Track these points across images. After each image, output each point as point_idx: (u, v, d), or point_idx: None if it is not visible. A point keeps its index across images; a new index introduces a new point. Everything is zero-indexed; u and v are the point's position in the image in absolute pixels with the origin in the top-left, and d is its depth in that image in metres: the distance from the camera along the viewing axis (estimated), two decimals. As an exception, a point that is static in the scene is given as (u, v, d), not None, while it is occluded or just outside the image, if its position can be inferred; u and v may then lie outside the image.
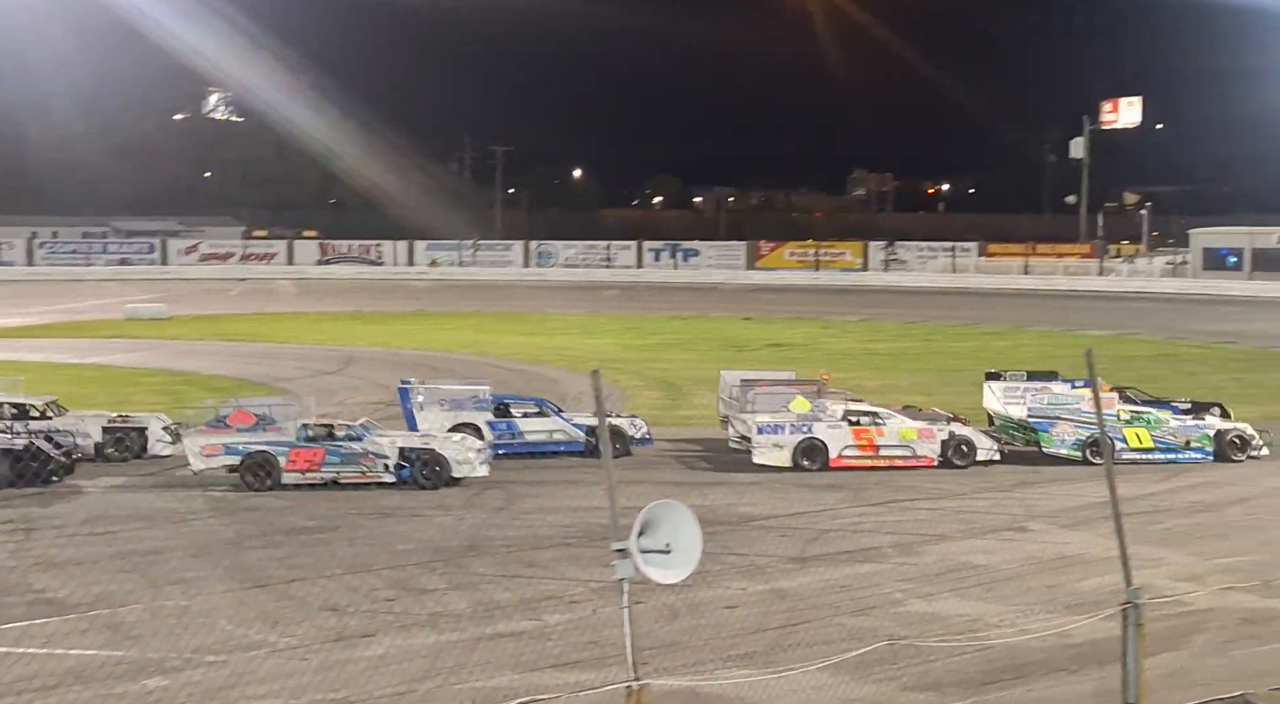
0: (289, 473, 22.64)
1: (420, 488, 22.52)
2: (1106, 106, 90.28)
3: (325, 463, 22.81)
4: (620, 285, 75.64)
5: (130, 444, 25.18)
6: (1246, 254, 70.94)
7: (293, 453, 22.78)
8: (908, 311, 59.50)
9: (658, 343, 47.66)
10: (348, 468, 22.86)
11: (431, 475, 22.67)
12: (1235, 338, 47.67)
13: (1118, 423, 25.42)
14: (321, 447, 22.91)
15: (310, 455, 22.84)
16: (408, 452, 23.06)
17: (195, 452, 22.88)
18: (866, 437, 25.05)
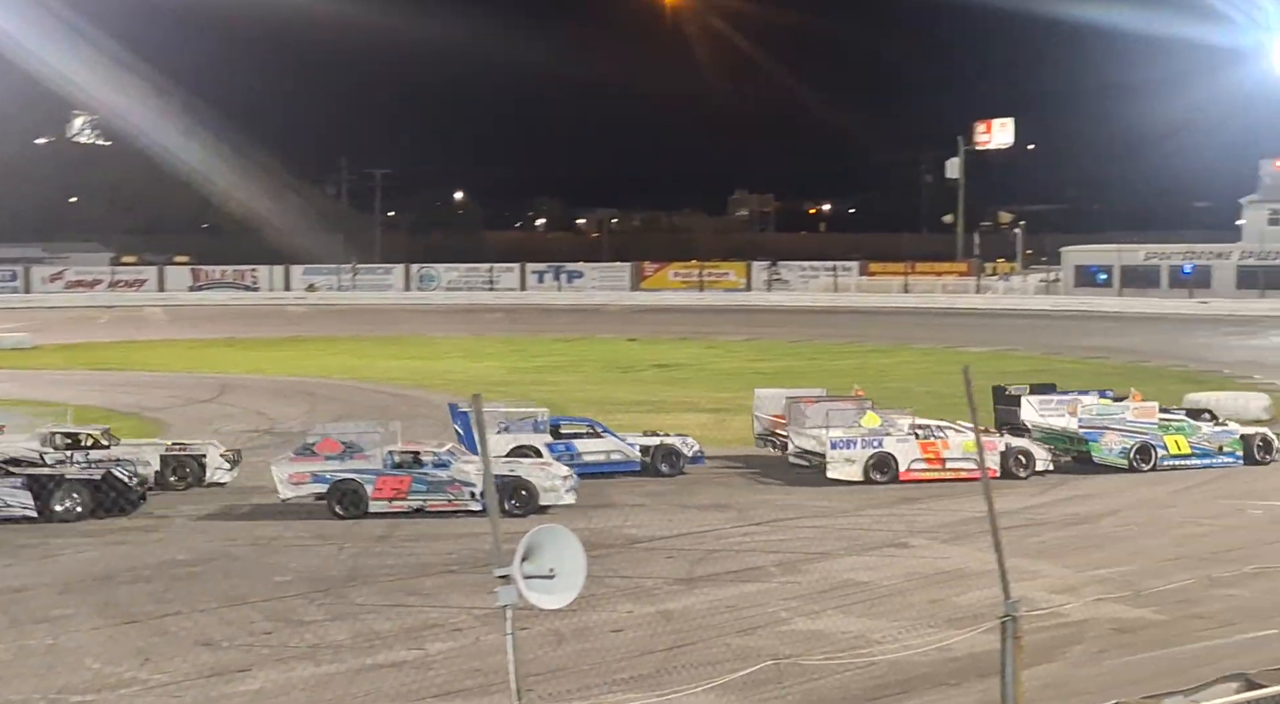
0: (375, 501, 22.43)
1: (508, 516, 21.95)
2: (980, 128, 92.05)
3: (412, 491, 22.59)
4: (504, 308, 75.26)
5: (190, 472, 24.75)
6: (1116, 271, 72.77)
7: (379, 481, 22.55)
8: (792, 331, 60.00)
9: (543, 365, 47.45)
10: (434, 496, 22.65)
11: (521, 503, 22.29)
12: (1107, 353, 48.80)
13: (1158, 430, 26.64)
14: (409, 474, 22.67)
15: (397, 483, 22.64)
16: (496, 478, 22.50)
17: (283, 480, 22.55)
18: (933, 449, 25.72)
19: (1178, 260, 71.30)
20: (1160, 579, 16.35)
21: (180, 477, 24.62)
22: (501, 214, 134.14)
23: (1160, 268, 71.69)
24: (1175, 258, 71.61)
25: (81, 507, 21.82)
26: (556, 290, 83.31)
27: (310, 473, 22.50)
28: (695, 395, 38.05)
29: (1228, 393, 33.52)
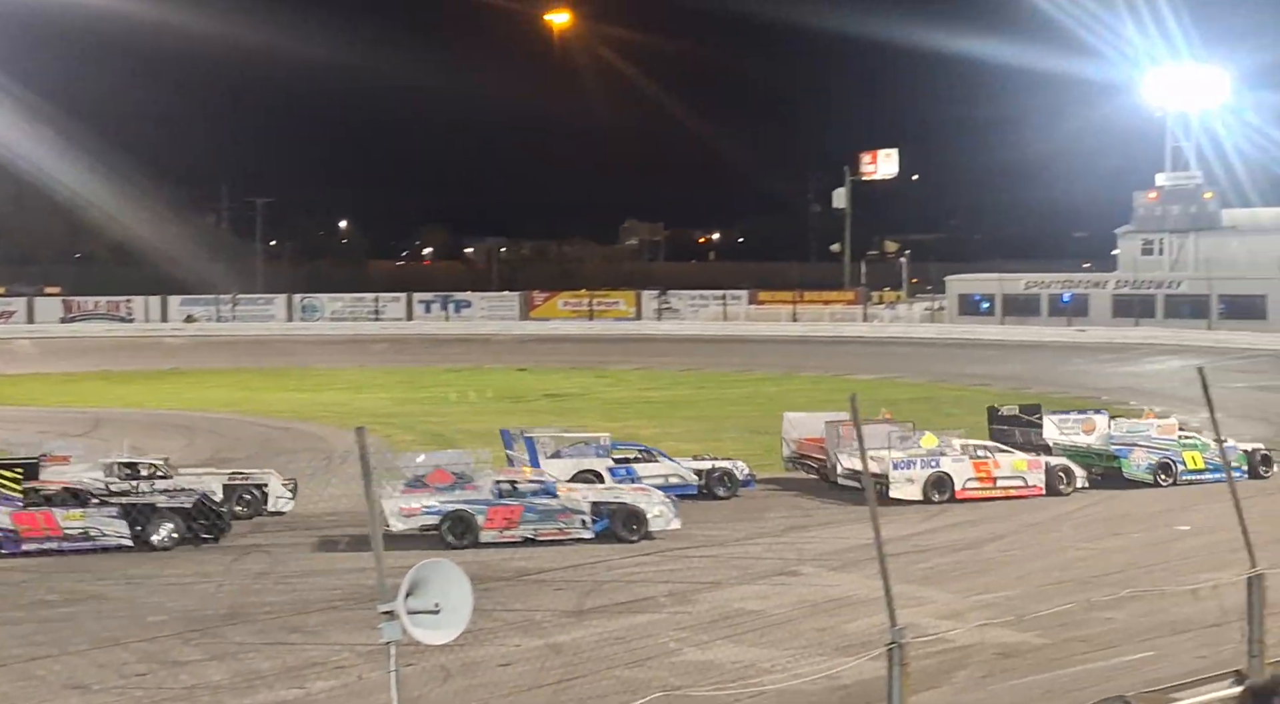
0: (487, 531, 22.32)
1: (620, 541, 22.23)
2: (865, 158, 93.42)
3: (523, 520, 22.52)
4: (390, 339, 74.43)
5: (253, 500, 24.58)
6: (998, 300, 74.17)
7: (491, 511, 22.43)
8: (682, 359, 60.18)
9: (430, 397, 46.96)
10: (545, 524, 22.58)
11: (632, 529, 22.48)
12: (989, 380, 49.62)
13: (1179, 447, 28.17)
14: (520, 503, 22.56)
15: (508, 513, 22.53)
16: (599, 505, 22.83)
17: (395, 513, 22.10)
18: (985, 469, 26.60)
19: (1057, 289, 72.88)
20: (1042, 603, 16.53)
21: (243, 505, 24.46)
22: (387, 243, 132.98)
23: (1040, 296, 73.21)
24: (1054, 287, 73.19)
25: (176, 534, 21.86)
26: (444, 320, 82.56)
27: (422, 505, 22.35)
28: (586, 425, 37.83)
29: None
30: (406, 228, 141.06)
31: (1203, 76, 72.99)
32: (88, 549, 21.50)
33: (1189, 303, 67.92)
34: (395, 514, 22.16)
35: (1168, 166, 74.89)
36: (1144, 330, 65.81)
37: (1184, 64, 73.32)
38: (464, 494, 22.59)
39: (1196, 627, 15.51)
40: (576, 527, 22.54)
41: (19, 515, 21.45)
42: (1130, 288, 70.60)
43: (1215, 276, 66.63)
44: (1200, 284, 67.27)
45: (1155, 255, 75.62)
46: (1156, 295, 69.30)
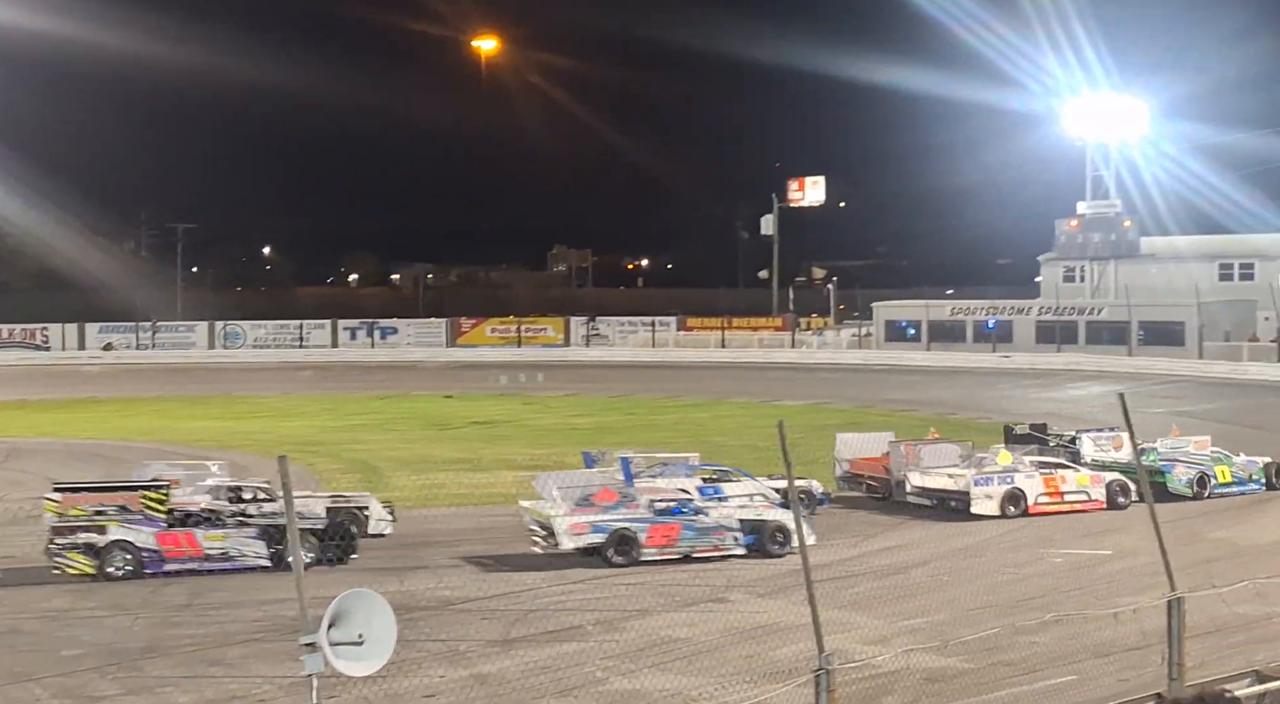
0: (647, 548, 22.90)
1: (768, 557, 22.99)
2: (793, 185, 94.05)
3: (681, 538, 23.18)
4: (314, 366, 73.61)
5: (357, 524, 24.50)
6: (924, 326, 74.78)
7: (651, 529, 23.02)
8: (610, 386, 60.12)
9: (356, 424, 46.53)
10: (702, 541, 23.30)
11: (779, 543, 23.35)
12: (915, 406, 49.99)
13: (1211, 462, 29.85)
14: (678, 521, 23.20)
15: (667, 530, 23.16)
16: (744, 523, 23.58)
17: (564, 531, 22.72)
18: (1054, 484, 27.81)
19: (981, 316, 73.63)
20: (969, 628, 16.57)
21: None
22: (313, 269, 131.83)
23: (965, 323, 73.94)
24: (979, 313, 73.93)
25: (313, 555, 21.93)
26: (370, 347, 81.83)
27: (590, 523, 22.79)
28: (514, 452, 37.70)
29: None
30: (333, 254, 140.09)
31: (1122, 107, 74.36)
32: (228, 569, 22.01)
33: (1110, 329, 68.89)
34: (565, 532, 22.69)
35: (1088, 195, 76.06)
36: (1067, 356, 66.66)
37: (1103, 95, 74.68)
38: (627, 512, 23.12)
39: (1119, 650, 15.63)
40: (729, 543, 23.36)
41: (163, 536, 21.99)
42: (1053, 314, 71.51)
43: (1135, 303, 67.65)
44: (1120, 311, 68.27)
45: (1077, 282, 76.76)
46: (1078, 322, 70.22)
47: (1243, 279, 72.23)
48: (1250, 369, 59.72)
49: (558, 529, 22.67)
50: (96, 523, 21.77)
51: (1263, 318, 66.17)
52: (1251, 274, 72.06)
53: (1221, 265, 73.52)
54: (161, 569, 21.80)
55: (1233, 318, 66.94)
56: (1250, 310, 67.54)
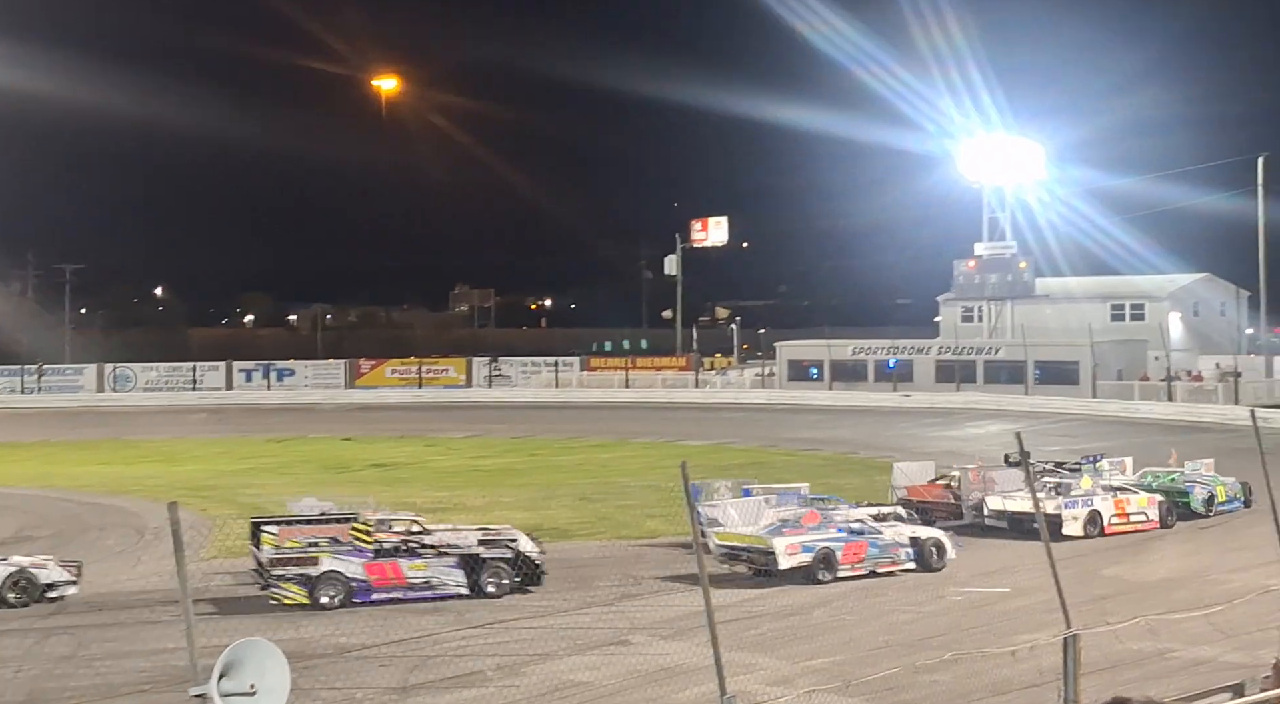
0: (843, 566, 24.75)
1: (929, 571, 25.37)
2: (696, 226, 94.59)
3: (867, 555, 25.09)
4: (208, 408, 72.20)
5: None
6: (826, 365, 75.32)
7: (846, 547, 24.85)
8: (513, 427, 59.73)
9: (251, 468, 45.65)
10: (882, 557, 25.26)
11: (938, 557, 25.71)
12: (818, 445, 50.32)
13: (1215, 482, 32.52)
14: (864, 540, 25.23)
15: (857, 548, 25.01)
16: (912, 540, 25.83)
17: (782, 551, 24.35)
18: (1122, 506, 29.94)
19: (882, 355, 74.36)
20: (870, 667, 16.55)
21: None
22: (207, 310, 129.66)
23: (867, 362, 74.61)
24: (880, 353, 74.66)
25: (505, 582, 23.24)
26: (267, 389, 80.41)
27: (801, 543, 24.57)
28: (414, 495, 37.17)
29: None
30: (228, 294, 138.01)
31: (1017, 151, 75.83)
32: (430, 598, 22.90)
33: (1007, 368, 69.91)
34: (783, 553, 24.36)
35: (985, 237, 77.34)
36: (965, 395, 67.51)
37: (999, 138, 76.15)
38: (826, 533, 25.08)
39: (1016, 688, 15.69)
40: (902, 557, 25.41)
41: (370, 566, 22.88)
42: (952, 354, 72.43)
43: (1031, 343, 68.74)
44: (1017, 350, 69.33)
45: (975, 322, 77.93)
46: (977, 361, 71.19)
47: (1134, 319, 73.90)
48: (1141, 408, 60.93)
49: (778, 549, 24.38)
50: (310, 555, 22.70)
51: (1153, 357, 67.58)
52: (1142, 314, 73.76)
53: (1113, 306, 75.15)
54: (369, 598, 22.69)
55: (1125, 358, 68.32)
56: (1141, 350, 68.98)
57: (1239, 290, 75.75)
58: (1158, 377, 65.09)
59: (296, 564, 22.49)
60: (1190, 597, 21.71)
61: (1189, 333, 73.51)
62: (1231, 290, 76.16)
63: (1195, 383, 64.49)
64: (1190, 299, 75.60)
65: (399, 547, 23.38)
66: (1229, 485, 32.79)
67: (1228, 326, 72.32)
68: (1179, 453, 35.67)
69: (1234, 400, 59.35)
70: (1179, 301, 74.67)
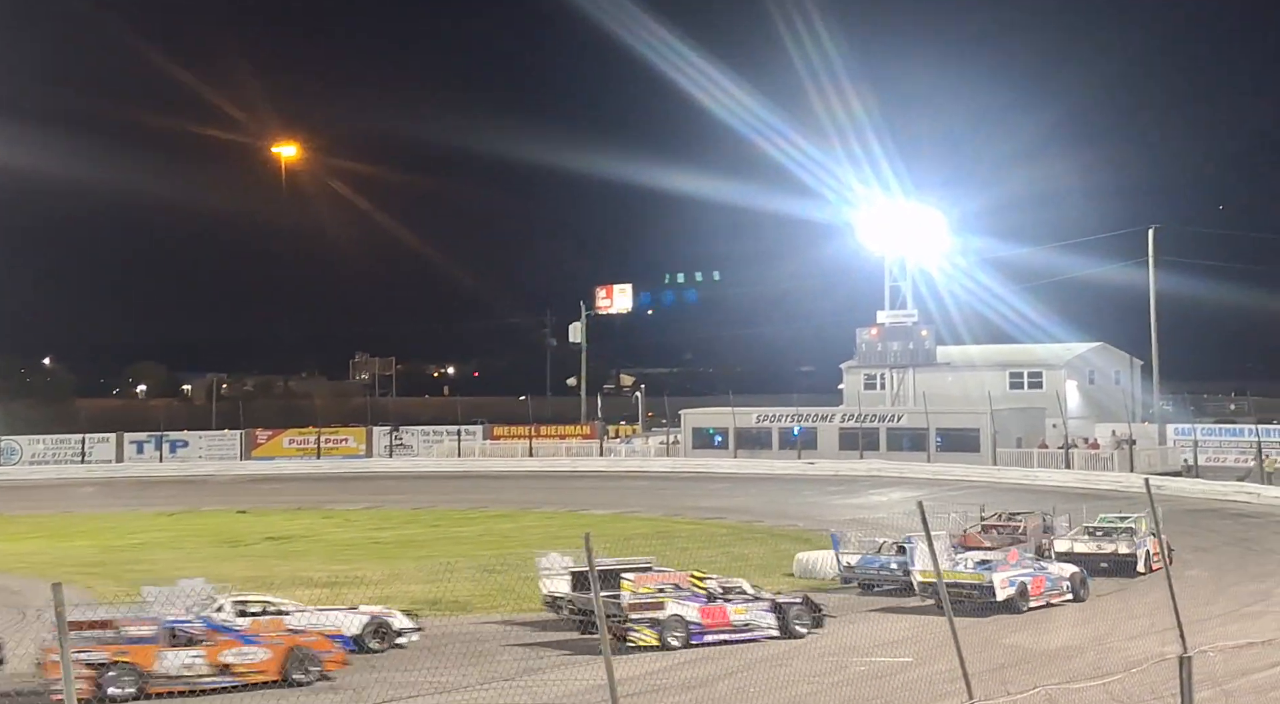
0: (1033, 596, 28.97)
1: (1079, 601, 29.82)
2: (601, 293, 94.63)
3: (1045, 587, 29.35)
4: (97, 482, 70.18)
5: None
6: (730, 433, 75.31)
7: (1033, 580, 29.17)
8: (414, 497, 58.75)
9: (141, 542, 44.20)
10: (1054, 590, 29.58)
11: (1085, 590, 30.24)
12: (723, 513, 50.01)
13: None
14: (1043, 575, 29.57)
15: (1040, 581, 29.46)
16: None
17: (999, 584, 28.15)
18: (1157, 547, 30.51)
19: (787, 423, 74.52)
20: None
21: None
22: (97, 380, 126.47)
23: (771, 430, 74.72)
24: (784, 420, 74.81)
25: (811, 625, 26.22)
26: (159, 461, 78.43)
27: (1008, 578, 28.53)
28: (310, 568, 36.19)
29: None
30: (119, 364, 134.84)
31: (917, 219, 76.82)
32: (748, 639, 25.37)
33: (909, 436, 70.40)
34: (999, 586, 28.12)
35: (887, 305, 78.09)
36: (869, 462, 67.77)
37: (900, 206, 77.15)
38: (1024, 569, 29.35)
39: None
40: (1064, 589, 29.72)
41: (704, 610, 25.41)
42: (855, 421, 72.75)
43: (932, 411, 69.33)
44: (919, 418, 69.86)
45: (878, 390, 78.45)
46: (880, 428, 71.60)
47: (1032, 387, 74.85)
48: (1040, 475, 61.55)
49: (996, 583, 28.11)
50: (658, 600, 24.99)
51: (1051, 425, 68.47)
52: (1040, 382, 74.76)
53: (1012, 374, 76.09)
54: (702, 640, 24.98)
55: (1024, 425, 69.13)
56: (1040, 418, 69.87)
57: (1132, 359, 77.18)
58: (1056, 444, 65.90)
59: (649, 609, 24.82)
60: (1088, 665, 21.63)
61: (1085, 401, 74.65)
62: (1125, 359, 77.55)
63: (1092, 450, 65.36)
64: (1086, 367, 76.88)
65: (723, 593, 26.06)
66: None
67: (1122, 395, 73.51)
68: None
69: (1129, 468, 60.21)
70: (1075, 370, 75.87)
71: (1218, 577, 33.27)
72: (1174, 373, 74.62)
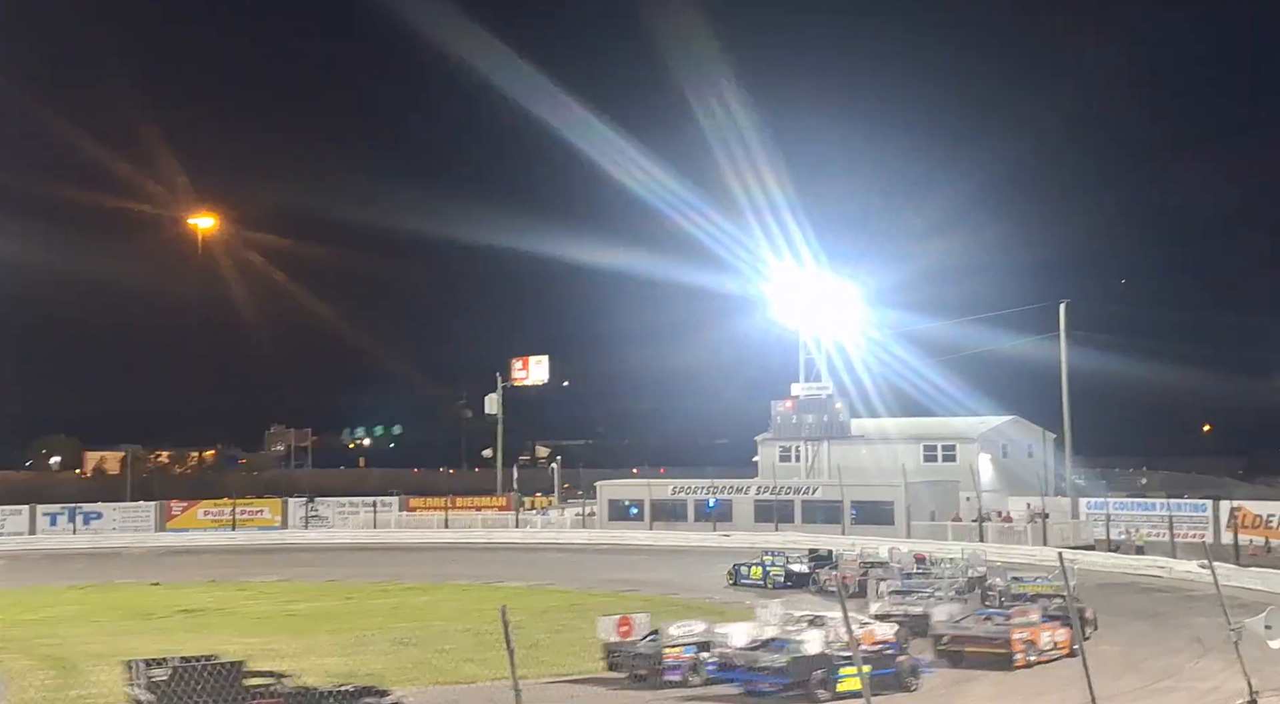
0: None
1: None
2: (517, 364, 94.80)
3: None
4: (6, 555, 68.71)
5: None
6: (646, 505, 75.45)
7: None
8: (328, 569, 58.14)
9: (50, 616, 43.37)
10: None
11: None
12: (639, 586, 50.02)
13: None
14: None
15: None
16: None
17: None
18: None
19: (702, 495, 74.82)
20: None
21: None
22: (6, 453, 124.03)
23: (687, 502, 74.95)
24: (700, 492, 75.09)
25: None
26: (72, 533, 77.01)
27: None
28: (222, 642, 35.67)
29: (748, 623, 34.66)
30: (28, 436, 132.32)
31: (831, 292, 77.88)
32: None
33: (824, 508, 70.89)
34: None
35: (801, 377, 78.90)
36: (784, 534, 68.07)
37: (813, 280, 78.19)
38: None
39: None
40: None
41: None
42: (770, 493, 73.21)
43: (847, 483, 69.95)
44: (834, 490, 70.46)
45: (792, 462, 79.01)
46: (795, 500, 72.08)
47: (946, 460, 75.67)
48: (951, 548, 62.10)
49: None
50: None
51: (965, 498, 69.27)
52: (954, 455, 75.65)
53: (926, 447, 76.93)
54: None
55: (938, 498, 69.81)
56: (954, 490, 70.62)
57: (1045, 432, 78.20)
58: (969, 517, 66.67)
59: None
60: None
61: (999, 474, 75.57)
62: (1038, 432, 78.55)
63: (1005, 523, 66.21)
64: (999, 440, 77.76)
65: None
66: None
67: (1035, 467, 74.64)
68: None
69: (1043, 541, 61.04)
70: (989, 443, 76.79)
71: (1128, 651, 33.72)
72: (1085, 447, 75.88)
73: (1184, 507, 64.73)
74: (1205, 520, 63.47)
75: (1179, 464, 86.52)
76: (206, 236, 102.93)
